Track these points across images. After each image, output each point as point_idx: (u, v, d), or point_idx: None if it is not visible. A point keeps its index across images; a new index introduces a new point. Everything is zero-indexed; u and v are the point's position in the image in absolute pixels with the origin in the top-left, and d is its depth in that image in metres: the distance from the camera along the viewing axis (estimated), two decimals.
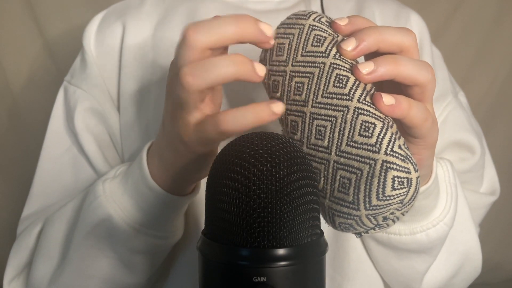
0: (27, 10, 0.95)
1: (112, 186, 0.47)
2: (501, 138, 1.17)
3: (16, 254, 0.56)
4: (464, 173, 0.60)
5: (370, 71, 0.34)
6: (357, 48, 0.35)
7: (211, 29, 0.34)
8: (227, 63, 0.33)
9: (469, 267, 0.54)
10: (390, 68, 0.34)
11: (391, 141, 0.33)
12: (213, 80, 0.34)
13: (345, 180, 0.34)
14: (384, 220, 0.34)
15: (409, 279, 0.51)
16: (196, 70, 0.33)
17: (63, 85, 0.63)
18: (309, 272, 0.29)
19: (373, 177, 0.32)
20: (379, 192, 0.32)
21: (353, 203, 0.33)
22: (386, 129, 0.33)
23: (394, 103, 0.34)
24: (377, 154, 0.33)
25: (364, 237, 0.51)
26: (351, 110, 0.34)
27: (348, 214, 0.34)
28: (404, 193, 0.33)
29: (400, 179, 0.32)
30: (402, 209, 0.34)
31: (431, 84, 0.36)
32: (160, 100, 0.56)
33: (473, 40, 1.14)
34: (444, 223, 0.47)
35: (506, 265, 1.24)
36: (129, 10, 0.62)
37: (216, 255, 0.29)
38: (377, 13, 0.62)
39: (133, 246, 0.47)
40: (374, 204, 0.33)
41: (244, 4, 0.61)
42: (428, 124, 0.36)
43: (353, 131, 0.34)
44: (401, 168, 0.32)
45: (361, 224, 0.34)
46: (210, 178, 0.31)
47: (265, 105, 0.34)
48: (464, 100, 0.66)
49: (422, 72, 0.35)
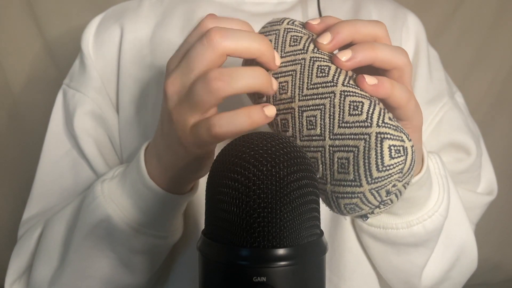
0: (27, 10, 0.95)
1: (110, 186, 0.47)
2: (501, 138, 1.17)
3: (17, 257, 0.56)
4: (460, 173, 0.60)
5: (349, 57, 0.36)
6: (333, 41, 0.37)
7: (239, 39, 0.35)
8: (253, 75, 0.35)
9: (465, 259, 0.55)
10: (367, 53, 0.36)
11: (380, 114, 0.34)
12: (239, 89, 0.35)
13: (343, 160, 0.35)
14: (387, 194, 0.34)
15: (409, 274, 0.51)
16: (225, 76, 0.34)
17: (62, 88, 0.63)
18: (309, 272, 0.29)
19: (370, 150, 0.33)
20: (378, 163, 0.33)
21: (355, 180, 0.34)
22: (374, 105, 0.35)
23: (377, 83, 0.35)
24: (370, 128, 0.34)
25: (362, 235, 0.51)
26: (337, 94, 0.36)
27: (352, 193, 0.34)
28: (402, 162, 0.33)
29: (396, 147, 0.33)
30: (403, 179, 0.34)
31: (408, 66, 0.38)
32: (158, 101, 0.56)
33: (473, 40, 1.14)
34: (439, 213, 0.47)
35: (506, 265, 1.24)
36: (127, 12, 0.62)
37: (216, 255, 0.29)
38: (374, 14, 0.62)
39: (133, 246, 0.47)
40: (376, 177, 0.33)
41: (241, 6, 0.61)
42: (412, 105, 0.38)
43: (343, 112, 0.35)
44: (395, 136, 0.33)
45: (366, 201, 0.34)
46: (210, 178, 0.31)
47: (258, 108, 0.35)
48: (461, 100, 0.66)
49: (398, 55, 0.37)
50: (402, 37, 0.61)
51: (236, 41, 0.35)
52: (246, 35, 0.36)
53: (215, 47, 0.35)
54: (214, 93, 0.34)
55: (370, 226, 0.49)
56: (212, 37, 0.35)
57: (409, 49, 0.62)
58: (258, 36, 0.36)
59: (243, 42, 0.35)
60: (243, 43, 0.35)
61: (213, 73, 0.34)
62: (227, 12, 0.60)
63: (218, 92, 0.34)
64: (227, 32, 0.35)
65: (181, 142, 0.38)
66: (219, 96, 0.35)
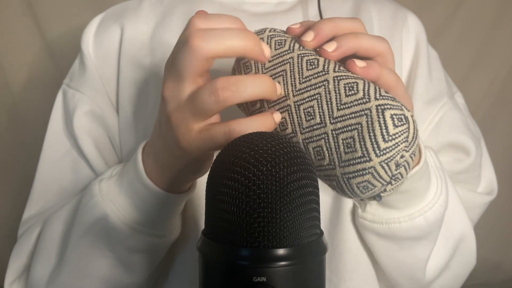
0: (27, 10, 0.95)
1: (108, 185, 0.47)
2: (501, 138, 1.17)
3: (17, 256, 0.56)
4: (459, 173, 0.60)
5: (335, 48, 0.38)
6: (316, 37, 0.39)
7: (220, 40, 0.35)
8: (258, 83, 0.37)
9: (464, 250, 0.55)
10: (351, 41, 0.38)
11: (376, 89, 0.35)
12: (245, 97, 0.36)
13: (349, 140, 0.35)
14: (397, 167, 0.34)
15: (413, 269, 0.51)
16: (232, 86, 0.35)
17: (62, 88, 0.63)
18: (309, 272, 0.29)
19: (373, 123, 0.34)
20: (384, 133, 0.33)
21: (364, 155, 0.34)
22: (369, 84, 0.36)
23: (367, 65, 0.37)
24: (369, 103, 0.34)
25: (365, 234, 0.51)
26: (331, 81, 0.36)
27: (363, 170, 0.34)
28: (406, 130, 0.34)
29: (398, 116, 0.34)
30: (409, 148, 0.34)
31: (390, 52, 0.40)
32: (158, 101, 0.56)
33: (473, 40, 1.14)
34: (439, 204, 0.48)
35: (506, 265, 1.24)
36: (127, 12, 0.62)
37: (216, 255, 0.29)
38: (374, 14, 0.62)
39: (131, 245, 0.47)
40: (383, 148, 0.33)
41: (241, 6, 0.61)
42: (401, 87, 0.39)
43: (339, 95, 0.36)
44: (395, 106, 0.34)
45: (378, 176, 0.34)
46: (210, 178, 0.31)
47: (269, 116, 0.38)
48: (461, 100, 0.66)
49: (379, 42, 0.39)
50: (402, 37, 0.61)
51: (218, 43, 0.35)
52: (228, 34, 0.36)
53: (198, 52, 0.35)
54: (220, 102, 0.35)
55: (372, 223, 0.49)
56: (193, 43, 0.35)
57: (409, 49, 0.62)
58: (241, 32, 0.36)
59: (225, 42, 0.35)
60: (226, 43, 0.35)
61: (219, 83, 0.35)
62: (227, 11, 0.59)
63: (226, 101, 0.35)
64: (207, 35, 0.35)
65: (181, 145, 0.38)
66: (226, 105, 0.36)
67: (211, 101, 0.35)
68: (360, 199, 0.39)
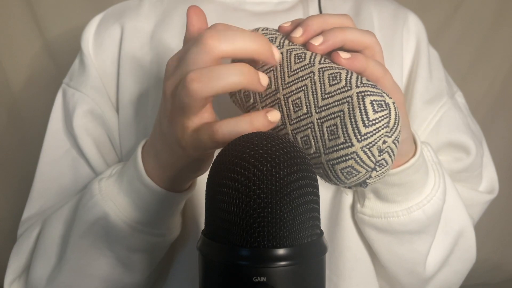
0: (27, 10, 0.95)
1: (108, 184, 0.47)
2: (501, 138, 1.17)
3: (16, 256, 0.56)
4: (459, 172, 0.61)
5: (321, 41, 0.39)
6: (305, 33, 0.40)
7: (233, 41, 0.35)
8: (234, 73, 0.34)
9: (463, 245, 0.55)
10: (337, 35, 0.39)
11: (358, 77, 0.36)
12: (219, 88, 0.34)
13: (332, 127, 0.36)
14: (380, 153, 0.35)
15: (414, 263, 0.51)
16: (204, 77, 0.34)
17: (62, 87, 0.63)
18: (309, 272, 0.29)
19: (354, 109, 0.35)
20: (364, 119, 0.34)
21: (346, 141, 0.35)
22: (352, 73, 0.37)
23: (352, 56, 0.38)
24: (350, 91, 0.35)
25: (365, 229, 0.51)
26: (316, 72, 0.38)
27: (346, 155, 0.35)
28: (386, 115, 0.35)
29: (378, 102, 0.35)
30: (391, 134, 0.35)
31: (378, 45, 0.41)
32: (158, 101, 0.56)
33: (473, 40, 1.14)
34: (437, 197, 0.48)
35: (506, 265, 1.24)
36: (127, 12, 0.62)
37: (216, 255, 0.29)
38: (375, 14, 0.62)
39: (130, 244, 0.47)
40: (364, 133, 0.34)
41: (242, 5, 0.61)
42: (390, 78, 0.40)
43: (324, 86, 0.37)
44: (375, 92, 0.35)
45: (360, 162, 0.35)
46: (210, 178, 0.31)
47: (261, 115, 0.35)
48: (461, 100, 0.66)
49: (366, 36, 0.40)
50: (403, 36, 0.61)
51: (231, 43, 0.35)
52: (240, 36, 0.36)
53: (210, 51, 0.35)
54: (193, 95, 0.34)
55: (371, 217, 0.49)
56: (207, 41, 0.35)
57: (410, 49, 0.62)
58: (253, 35, 0.36)
59: (238, 44, 0.35)
60: (239, 45, 0.35)
61: (190, 74, 0.34)
62: (227, 11, 0.59)
63: (197, 93, 0.34)
64: (221, 35, 0.35)
65: (180, 143, 0.38)
66: (198, 97, 0.34)
67: (183, 94, 0.35)
68: (347, 186, 0.39)
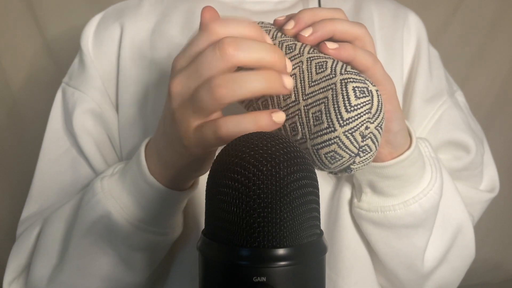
0: (27, 10, 0.95)
1: (110, 183, 0.47)
2: (501, 137, 1.17)
3: (16, 255, 0.56)
4: (459, 171, 0.61)
5: (310, 32, 0.40)
6: (296, 25, 0.41)
7: (252, 52, 0.36)
8: (259, 79, 0.35)
9: (461, 241, 0.55)
10: (326, 26, 0.40)
11: (343, 66, 0.37)
12: (244, 94, 0.35)
13: (317, 114, 0.37)
14: (363, 139, 0.36)
15: (412, 257, 0.52)
16: (230, 83, 0.35)
17: (61, 86, 0.63)
18: (309, 272, 0.29)
19: (337, 95, 0.36)
20: (346, 104, 0.35)
21: (329, 126, 0.36)
22: (337, 62, 0.38)
23: (339, 46, 0.39)
24: (335, 78, 0.37)
25: (362, 223, 0.51)
26: (304, 62, 0.39)
27: (329, 140, 0.36)
28: (368, 101, 0.36)
29: (360, 88, 0.36)
30: (374, 120, 0.36)
31: (368, 36, 0.42)
32: (158, 100, 0.56)
33: (473, 40, 1.14)
34: (434, 192, 0.48)
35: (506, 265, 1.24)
36: (127, 11, 0.62)
37: (216, 255, 0.29)
38: (375, 13, 0.62)
39: (132, 243, 0.47)
40: (346, 118, 0.35)
41: (242, 4, 0.61)
42: (380, 68, 0.41)
43: (311, 74, 0.38)
44: (358, 80, 0.36)
45: (343, 146, 0.36)
46: (210, 178, 0.31)
47: (266, 114, 0.36)
48: (461, 99, 0.66)
49: (355, 27, 0.41)
50: (403, 36, 0.61)
51: (249, 53, 0.35)
52: (258, 47, 0.36)
53: (228, 59, 0.35)
54: (218, 100, 0.35)
55: (368, 211, 0.49)
56: (226, 49, 0.35)
57: (410, 48, 0.62)
58: (270, 47, 0.37)
59: (256, 54, 0.36)
60: (256, 56, 0.36)
61: (217, 80, 0.35)
62: (227, 10, 0.59)
63: (222, 99, 0.35)
64: (240, 45, 0.35)
65: (183, 142, 0.38)
66: (223, 103, 0.35)
67: (208, 99, 0.35)
68: (333, 172, 0.40)
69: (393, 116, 0.43)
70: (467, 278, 0.61)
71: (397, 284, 0.56)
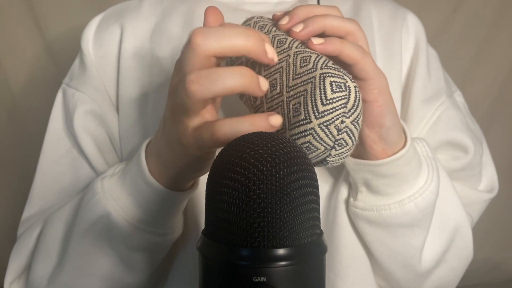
0: (27, 10, 0.95)
1: (110, 183, 0.47)
2: (501, 138, 1.17)
3: (17, 256, 0.56)
4: (457, 171, 0.61)
5: (301, 28, 0.41)
6: (290, 21, 0.42)
7: (220, 38, 0.35)
8: (234, 76, 0.35)
9: (459, 241, 0.55)
10: (318, 21, 0.41)
11: (325, 61, 0.38)
12: (218, 91, 0.34)
13: (296, 105, 0.38)
14: (339, 132, 0.37)
15: (407, 256, 0.52)
16: (202, 79, 0.34)
17: (62, 87, 0.63)
18: (309, 272, 0.29)
19: (315, 88, 0.37)
20: (322, 98, 0.36)
21: (305, 118, 0.37)
22: (321, 57, 0.39)
23: (324, 41, 0.39)
24: (315, 72, 0.37)
25: (358, 222, 0.51)
26: (291, 56, 0.40)
27: (305, 131, 0.37)
28: (344, 96, 0.36)
29: (337, 83, 0.36)
30: (349, 115, 0.37)
31: (360, 32, 0.42)
32: (158, 101, 0.56)
33: (473, 40, 1.14)
34: (430, 191, 0.48)
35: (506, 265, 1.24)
36: (127, 12, 0.62)
37: (216, 255, 0.29)
38: (374, 14, 0.62)
39: (132, 243, 0.47)
40: (322, 111, 0.36)
41: (241, 5, 0.61)
42: (370, 61, 0.41)
43: (296, 67, 0.39)
44: (336, 75, 0.37)
45: (318, 138, 0.37)
46: (210, 178, 0.31)
47: (263, 117, 0.36)
48: (460, 99, 0.66)
49: (346, 22, 0.42)
50: (402, 36, 0.61)
51: (219, 41, 0.35)
52: (230, 33, 0.35)
53: (198, 50, 0.35)
54: (191, 96, 0.34)
55: (364, 210, 0.49)
56: (193, 40, 0.35)
57: (409, 49, 0.62)
58: (243, 31, 0.36)
59: (227, 41, 0.35)
60: (228, 43, 0.35)
61: (189, 76, 0.34)
62: (226, 11, 0.59)
63: (196, 95, 0.34)
64: (208, 33, 0.35)
65: (181, 142, 0.39)
66: (197, 99, 0.35)
67: (183, 95, 0.35)
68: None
69: (385, 110, 0.43)
70: (467, 278, 0.61)
71: (395, 284, 0.56)
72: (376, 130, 0.44)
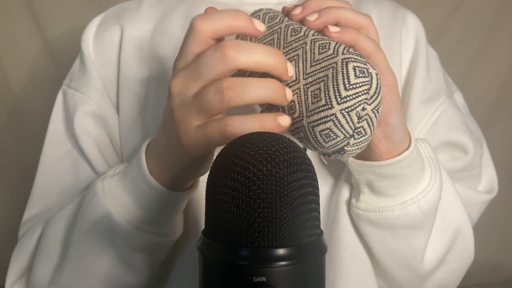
0: (27, 10, 0.95)
1: (111, 183, 0.47)
2: (501, 138, 1.17)
3: (18, 257, 0.56)
4: (457, 171, 0.61)
5: (316, 17, 0.41)
6: (303, 11, 0.42)
7: (252, 55, 0.36)
8: (266, 88, 0.37)
9: (461, 243, 0.55)
10: (332, 12, 0.41)
11: (346, 47, 0.38)
12: (250, 99, 0.36)
13: (316, 91, 0.38)
14: (359, 120, 0.37)
15: (410, 258, 0.51)
16: (238, 87, 0.35)
17: (62, 88, 0.63)
18: (309, 272, 0.29)
19: (337, 73, 0.36)
20: (345, 82, 0.36)
21: (327, 103, 0.36)
22: (340, 44, 0.39)
23: (342, 30, 0.40)
24: (337, 57, 0.37)
25: (360, 224, 0.51)
26: (308, 43, 0.40)
27: (325, 117, 0.36)
28: (367, 82, 0.36)
29: (360, 68, 0.36)
30: (371, 102, 0.37)
31: (373, 27, 0.43)
32: (158, 101, 0.56)
33: (473, 40, 1.14)
34: (432, 193, 0.48)
35: (506, 265, 1.24)
36: (127, 12, 0.62)
37: (216, 255, 0.29)
38: (374, 14, 0.62)
39: (133, 244, 0.47)
40: (344, 96, 0.36)
41: (242, 6, 0.61)
42: (382, 57, 0.41)
43: (313, 54, 0.39)
44: (359, 60, 0.37)
45: (339, 125, 0.36)
46: (210, 178, 0.31)
47: (271, 117, 0.37)
48: (460, 100, 0.66)
49: (361, 16, 0.42)
50: (401, 36, 0.61)
51: (250, 56, 0.36)
52: (259, 50, 0.37)
53: (229, 62, 0.35)
54: (224, 102, 0.35)
55: (366, 212, 0.49)
56: (227, 52, 0.35)
57: (409, 49, 0.62)
58: (271, 50, 0.37)
59: (256, 57, 0.36)
60: (256, 59, 0.36)
61: (226, 82, 0.35)
62: None
63: (229, 102, 0.35)
64: (241, 47, 0.36)
65: (181, 141, 0.39)
66: (230, 105, 0.36)
67: (215, 100, 0.36)
68: (326, 153, 0.40)
69: (392, 108, 0.43)
70: (467, 278, 0.61)
71: (395, 285, 0.56)
72: (382, 128, 0.44)
